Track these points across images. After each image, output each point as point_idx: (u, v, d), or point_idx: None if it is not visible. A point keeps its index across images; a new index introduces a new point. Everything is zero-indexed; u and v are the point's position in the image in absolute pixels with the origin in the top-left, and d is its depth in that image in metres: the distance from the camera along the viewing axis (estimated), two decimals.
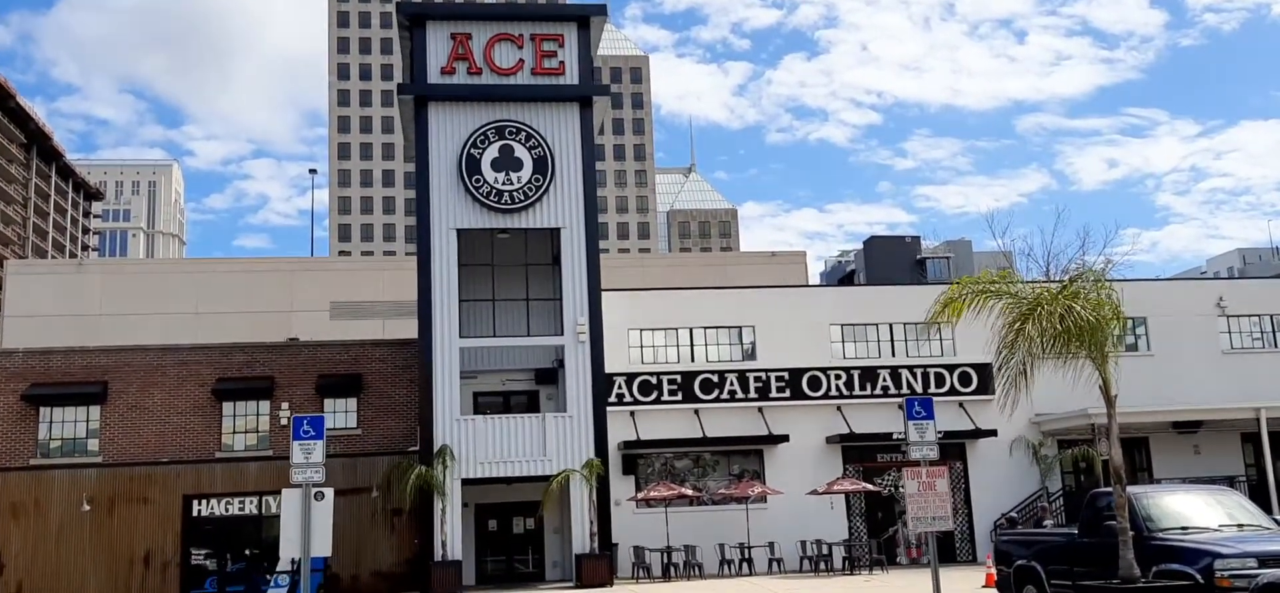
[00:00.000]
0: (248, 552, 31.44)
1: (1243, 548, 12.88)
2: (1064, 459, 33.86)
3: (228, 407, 31.68)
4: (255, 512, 31.03)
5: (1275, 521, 16.01)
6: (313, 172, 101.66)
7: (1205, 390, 34.87)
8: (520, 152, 31.32)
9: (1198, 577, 12.66)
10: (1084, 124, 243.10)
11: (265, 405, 31.67)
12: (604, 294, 31.52)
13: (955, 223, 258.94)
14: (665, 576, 29.94)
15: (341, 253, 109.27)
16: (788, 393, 34.13)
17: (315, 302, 44.44)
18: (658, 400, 33.54)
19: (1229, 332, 37.36)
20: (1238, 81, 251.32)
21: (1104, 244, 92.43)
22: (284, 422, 31.06)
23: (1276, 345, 37.47)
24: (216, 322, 42.06)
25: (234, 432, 31.54)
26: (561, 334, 30.96)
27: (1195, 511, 14.75)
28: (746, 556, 30.97)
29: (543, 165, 31.26)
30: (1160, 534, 14.10)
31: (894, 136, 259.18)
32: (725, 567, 30.90)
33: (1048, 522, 30.48)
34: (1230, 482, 31.92)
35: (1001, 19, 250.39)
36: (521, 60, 32.02)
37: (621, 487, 32.04)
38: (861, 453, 34.26)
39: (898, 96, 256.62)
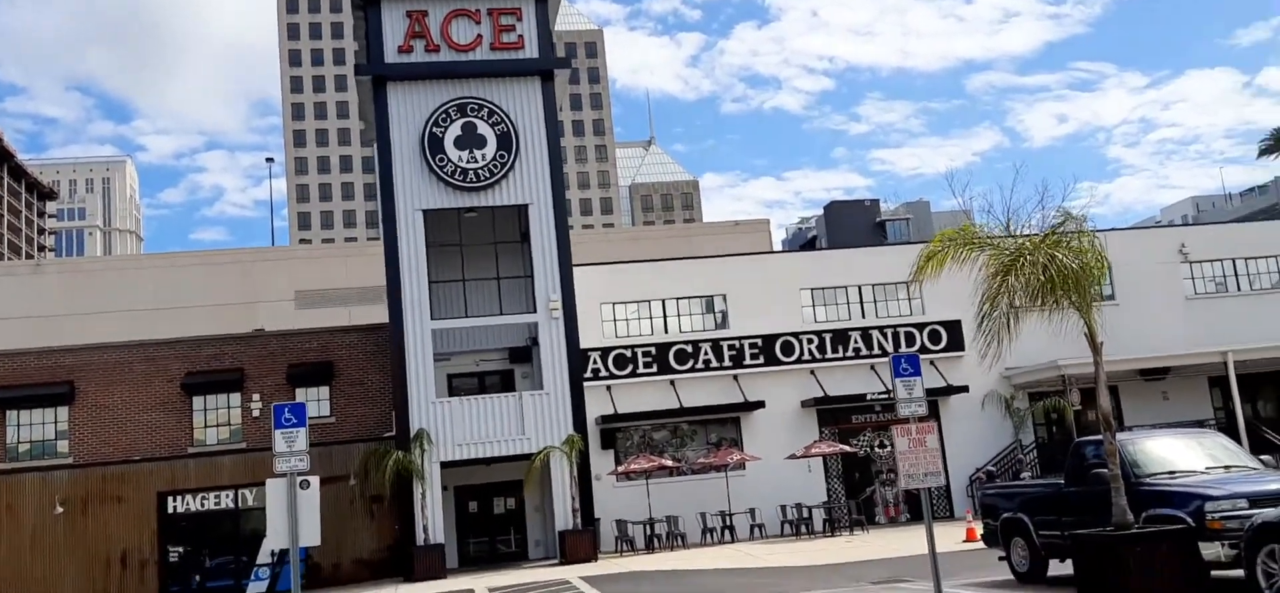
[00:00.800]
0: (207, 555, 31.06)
1: (1232, 490, 12.99)
2: (1036, 412, 34.20)
3: (198, 401, 31.21)
4: (232, 506, 30.62)
5: (1260, 461, 16.21)
6: (269, 161, 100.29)
7: (1171, 337, 35.33)
8: (483, 128, 30.98)
9: (1189, 520, 12.75)
10: (1033, 80, 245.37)
11: (236, 398, 31.25)
12: (575, 269, 31.34)
13: (912, 185, 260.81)
14: (649, 547, 29.95)
15: (302, 241, 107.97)
16: (761, 359, 34.17)
17: (280, 291, 43.89)
18: (633, 374, 33.46)
19: (1192, 278, 37.84)
20: (1183, 32, 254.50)
21: (1062, 198, 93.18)
22: (256, 414, 30.68)
23: (1239, 289, 38.01)
24: (179, 317, 41.44)
25: (206, 426, 31.10)
26: (534, 311, 30.76)
27: (1181, 455, 14.87)
28: (728, 523, 31.04)
29: (507, 141, 30.93)
30: (1148, 480, 14.20)
31: (847, 102, 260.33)
32: (708, 535, 30.97)
33: (1025, 474, 30.78)
34: (1200, 426, 32.38)
35: None
36: (480, 36, 31.62)
37: (601, 462, 31.98)
38: (837, 415, 34.41)
39: (849, 61, 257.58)
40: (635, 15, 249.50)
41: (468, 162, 30.67)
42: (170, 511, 30.50)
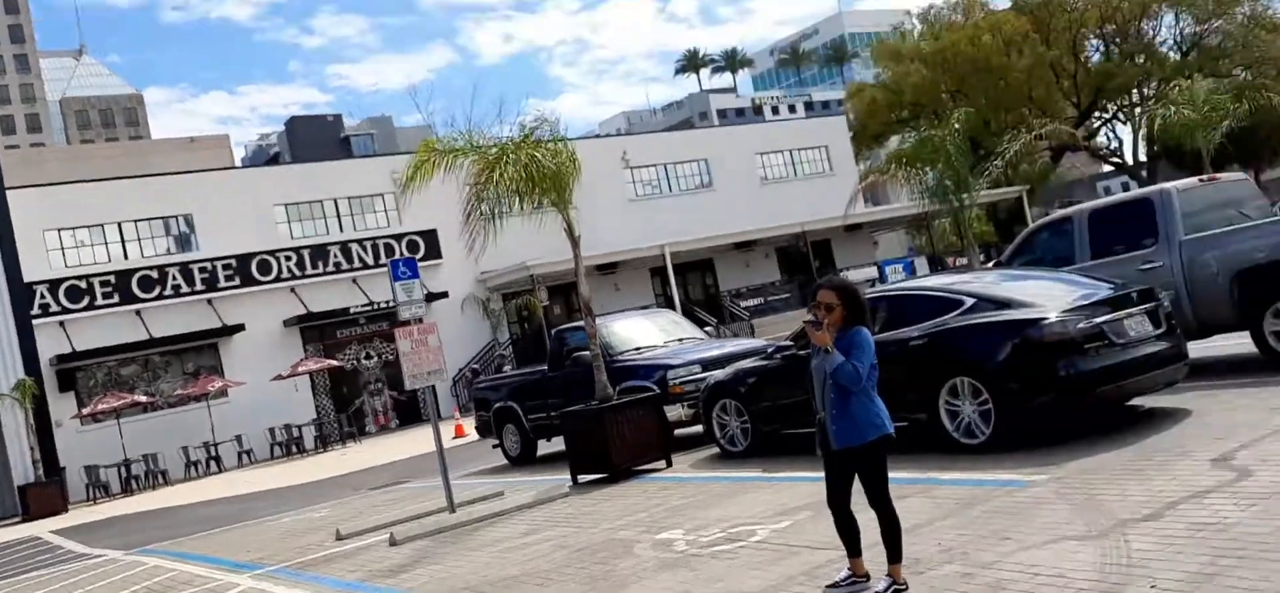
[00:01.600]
0: None
1: (687, 358, 15.22)
2: (509, 310, 36.60)
3: None
4: None
5: (705, 331, 19.02)
6: None
7: (618, 235, 39.43)
8: None
9: (655, 388, 14.78)
10: (480, 0, 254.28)
11: None
12: (8, 193, 27.80)
13: (373, 100, 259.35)
14: (126, 490, 27.89)
15: None
16: (238, 281, 32.88)
17: None
18: (92, 306, 30.61)
19: (633, 182, 42.39)
20: None
21: (517, 113, 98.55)
22: None
23: (670, 190, 43.29)
24: None
25: None
26: None
27: (643, 333, 16.96)
28: (214, 454, 29.79)
29: None
30: (620, 357, 16.09)
31: (299, 14, 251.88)
32: (192, 469, 29.51)
33: (506, 368, 32.96)
34: (644, 310, 36.73)
35: None
36: None
37: (62, 405, 29.04)
38: (321, 331, 34.22)
39: None
40: None
41: None
42: None
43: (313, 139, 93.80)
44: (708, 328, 28.72)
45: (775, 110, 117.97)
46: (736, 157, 45.35)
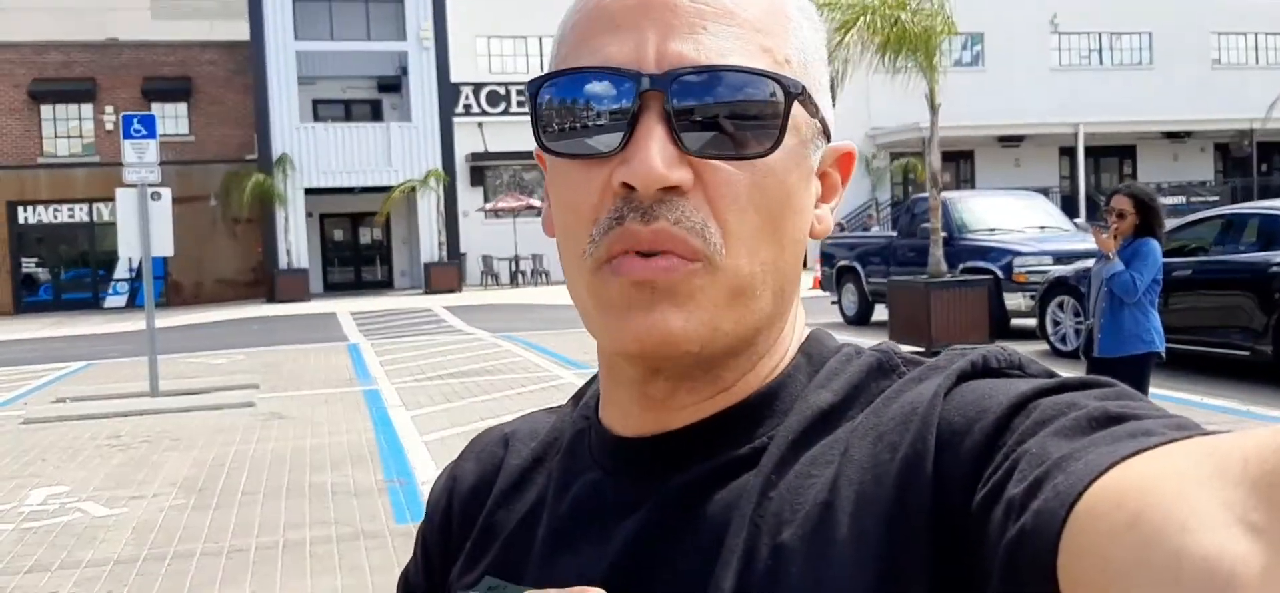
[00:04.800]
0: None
1: (1040, 247, 13.97)
2: (894, 171, 35.37)
3: (47, 110, 29.92)
4: (87, 220, 29.95)
5: (1076, 225, 17.32)
6: None
7: (1032, 106, 36.51)
8: None
9: (999, 273, 13.74)
10: None
11: (88, 110, 30.04)
12: None
13: None
14: (513, 283, 30.58)
15: None
16: None
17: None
18: (506, 112, 33.13)
19: (1058, 50, 38.85)
20: None
21: None
22: (109, 126, 29.60)
23: (1102, 62, 39.24)
24: (21, 19, 38.99)
25: (56, 136, 29.95)
26: (405, 39, 29.95)
27: (1002, 215, 15.76)
28: None
29: None
30: (970, 236, 15.10)
31: None
32: None
33: (873, 228, 32.10)
34: (1045, 192, 34.03)
35: None
36: None
37: (470, 198, 32.06)
38: None
39: None
40: None
41: None
42: (21, 222, 29.70)
43: None
44: (1079, 220, 26.15)
45: None
46: (1188, 33, 40.05)
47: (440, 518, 0.82)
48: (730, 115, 0.63)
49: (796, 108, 0.65)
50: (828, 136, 0.71)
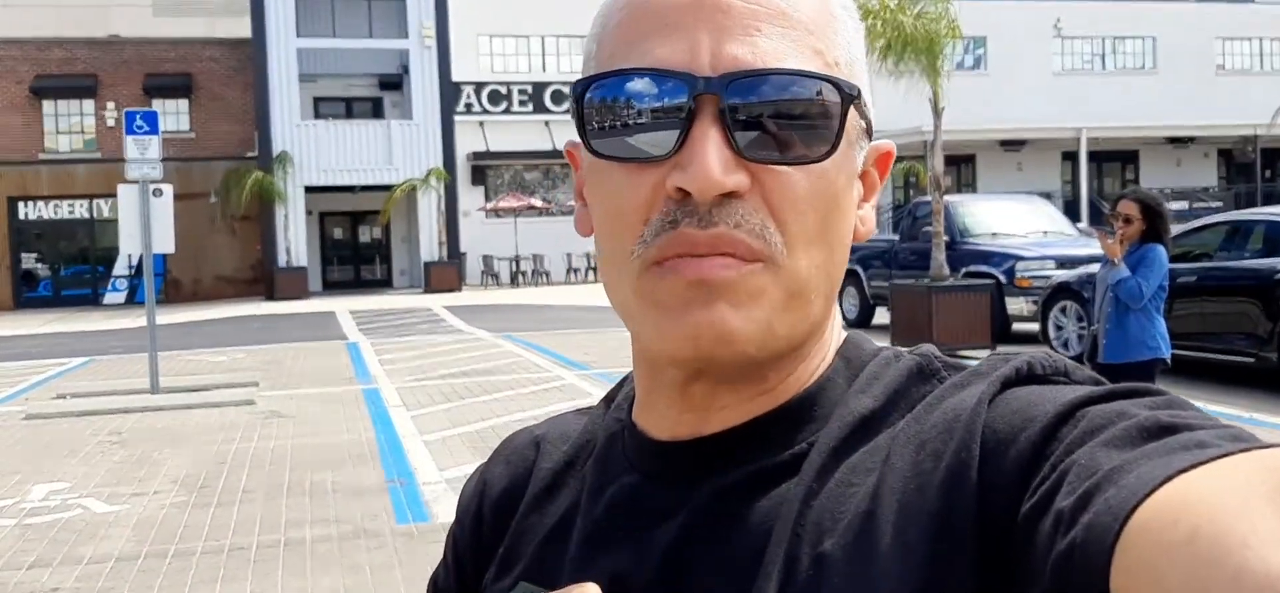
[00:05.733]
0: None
1: (1043, 252, 13.95)
2: (895, 174, 35.30)
3: (49, 106, 29.90)
4: (87, 216, 29.93)
5: (1078, 229, 17.32)
6: None
7: (1034, 111, 36.49)
8: None
9: (1001, 277, 13.72)
10: None
11: (89, 106, 30.02)
12: None
13: None
14: (513, 283, 30.57)
15: None
16: None
17: None
18: (508, 111, 33.15)
19: (1062, 54, 38.83)
20: None
21: None
22: (111, 123, 29.59)
23: (1104, 67, 39.22)
24: (23, 15, 38.94)
25: (57, 132, 29.93)
26: (406, 37, 29.93)
27: (1005, 219, 15.77)
28: (593, 264, 31.71)
29: None
30: (972, 240, 15.10)
31: None
32: (572, 274, 31.70)
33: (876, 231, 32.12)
34: (1048, 197, 33.99)
35: None
36: None
37: (470, 197, 32.04)
38: None
39: None
40: None
41: None
42: (21, 217, 29.68)
43: None
44: (1082, 224, 26.14)
45: None
46: (1191, 38, 40.00)
47: (471, 522, 0.80)
48: (787, 119, 0.61)
49: (851, 111, 0.63)
50: (870, 135, 0.69)
